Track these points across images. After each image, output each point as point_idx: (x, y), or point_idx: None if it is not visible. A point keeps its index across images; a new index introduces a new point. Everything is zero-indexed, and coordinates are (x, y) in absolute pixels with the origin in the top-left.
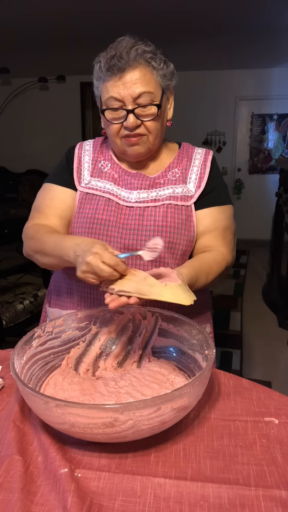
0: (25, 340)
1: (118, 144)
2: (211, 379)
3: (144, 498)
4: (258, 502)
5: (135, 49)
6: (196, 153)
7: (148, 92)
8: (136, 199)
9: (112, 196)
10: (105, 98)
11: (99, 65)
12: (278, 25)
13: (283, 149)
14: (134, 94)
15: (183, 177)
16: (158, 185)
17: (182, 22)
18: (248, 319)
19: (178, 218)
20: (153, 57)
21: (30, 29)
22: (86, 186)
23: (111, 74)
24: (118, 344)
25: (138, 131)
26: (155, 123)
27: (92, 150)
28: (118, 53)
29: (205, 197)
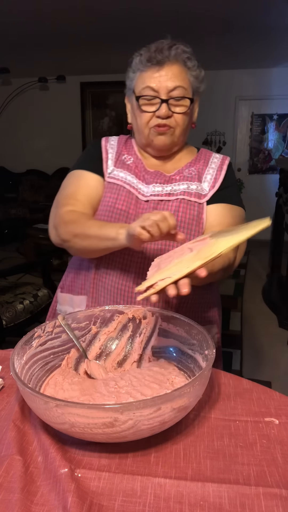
0: (25, 340)
1: (145, 134)
2: (211, 379)
3: (144, 498)
4: (259, 502)
5: (175, 48)
6: (213, 157)
7: (182, 87)
8: (151, 192)
9: (132, 188)
10: (140, 88)
11: (139, 58)
12: (278, 25)
13: (283, 149)
14: (170, 86)
15: (198, 176)
16: (174, 180)
17: (182, 22)
18: (248, 319)
19: (189, 213)
20: (190, 57)
21: (30, 29)
22: (109, 176)
23: (150, 66)
24: (118, 344)
25: (168, 121)
26: (183, 117)
27: (117, 145)
28: (160, 48)
29: (215, 194)
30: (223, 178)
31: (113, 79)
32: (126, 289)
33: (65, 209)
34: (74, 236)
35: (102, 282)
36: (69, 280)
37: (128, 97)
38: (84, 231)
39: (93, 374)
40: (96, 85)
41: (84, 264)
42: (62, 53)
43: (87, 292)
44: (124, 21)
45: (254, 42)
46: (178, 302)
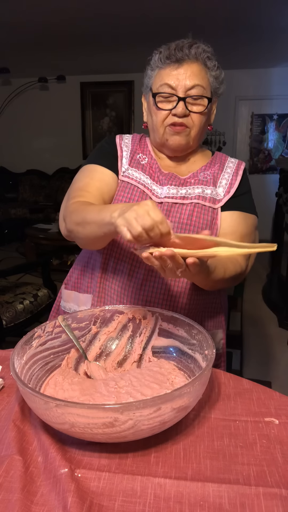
0: (25, 340)
1: (160, 133)
2: (211, 379)
3: (144, 498)
4: (259, 502)
5: (196, 46)
6: (229, 161)
7: (201, 85)
8: (166, 194)
9: (146, 189)
10: (158, 85)
11: (158, 55)
12: (278, 25)
13: (283, 149)
14: (188, 84)
15: (214, 180)
16: (189, 184)
17: (182, 22)
18: (248, 319)
19: (203, 218)
20: (210, 57)
21: (30, 29)
22: (124, 174)
23: (169, 63)
24: (118, 344)
25: (185, 120)
26: (201, 117)
27: (131, 143)
28: (180, 46)
29: (230, 201)
30: (239, 184)
31: (113, 79)
32: (133, 291)
33: (75, 200)
34: (76, 225)
35: (109, 282)
36: (74, 277)
37: (145, 95)
38: (84, 217)
39: (93, 375)
40: (96, 85)
41: (90, 262)
42: (62, 53)
43: (93, 291)
44: (124, 21)
45: (254, 42)
46: (187, 306)
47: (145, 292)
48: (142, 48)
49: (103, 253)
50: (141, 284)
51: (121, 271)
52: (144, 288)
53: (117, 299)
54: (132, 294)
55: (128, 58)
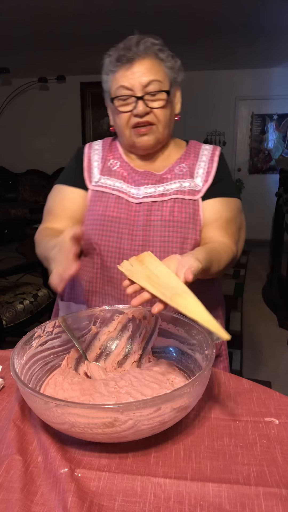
0: (25, 340)
1: (127, 136)
2: (211, 379)
3: (144, 498)
4: (259, 502)
5: (143, 42)
6: (203, 149)
7: (156, 80)
8: (144, 194)
9: (121, 193)
10: (114, 88)
11: (109, 59)
12: (278, 25)
13: (283, 149)
14: (143, 81)
15: (190, 172)
16: (165, 179)
17: (182, 22)
18: (248, 319)
19: (185, 212)
20: (161, 49)
21: (30, 29)
22: (96, 184)
23: (120, 65)
24: (118, 344)
25: (148, 118)
26: (164, 111)
27: (102, 149)
28: (127, 45)
29: (210, 189)
30: (216, 170)
31: None
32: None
33: (41, 226)
34: (41, 259)
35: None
36: (68, 288)
37: (106, 100)
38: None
39: (93, 376)
40: (96, 85)
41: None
42: (62, 53)
43: (86, 301)
44: (123, 21)
45: (254, 42)
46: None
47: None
48: None
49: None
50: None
51: (110, 277)
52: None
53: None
54: (124, 297)
55: None
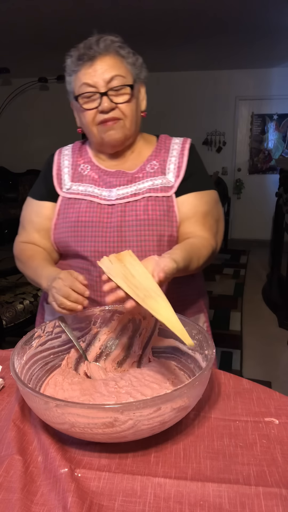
0: (25, 340)
1: (94, 133)
2: (211, 379)
3: (144, 498)
4: (259, 502)
5: (103, 40)
6: (173, 143)
7: (119, 75)
8: (116, 196)
9: (93, 197)
10: (77, 87)
11: (71, 59)
12: (278, 25)
13: (283, 149)
14: (106, 78)
15: (161, 168)
16: (137, 179)
17: (182, 22)
18: (248, 319)
19: (159, 210)
20: (121, 46)
21: (30, 29)
22: (68, 192)
23: (82, 63)
24: (118, 344)
25: (113, 114)
26: (129, 106)
27: (71, 154)
28: (87, 44)
29: (183, 184)
30: (186, 164)
31: None
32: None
33: (16, 239)
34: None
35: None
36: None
37: (71, 102)
38: (25, 272)
39: (93, 376)
40: None
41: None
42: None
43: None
44: (123, 21)
45: (254, 42)
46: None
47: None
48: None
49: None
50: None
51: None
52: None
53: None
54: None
55: None
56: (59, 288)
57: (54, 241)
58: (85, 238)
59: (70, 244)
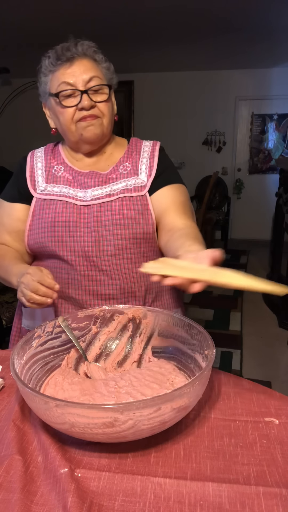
0: (25, 340)
1: (73, 131)
2: (211, 379)
3: (144, 498)
4: (259, 501)
5: (80, 44)
6: (144, 145)
7: (97, 76)
8: (92, 197)
9: (68, 198)
10: (56, 85)
11: (48, 60)
12: (278, 25)
13: (283, 149)
14: (85, 78)
15: (134, 169)
16: (111, 180)
17: (182, 22)
18: (248, 319)
19: (134, 209)
20: (96, 51)
21: (30, 29)
22: (42, 193)
23: (61, 63)
24: (118, 344)
25: (93, 112)
26: (107, 105)
27: (44, 156)
28: (66, 46)
29: (156, 180)
30: (157, 164)
31: None
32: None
33: None
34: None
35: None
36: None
37: (45, 103)
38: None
39: (93, 376)
40: None
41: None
42: None
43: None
44: (123, 20)
45: (254, 42)
46: (144, 291)
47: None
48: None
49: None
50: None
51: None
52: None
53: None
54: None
55: (128, 58)
56: (27, 283)
57: (28, 242)
58: (63, 238)
59: (47, 245)
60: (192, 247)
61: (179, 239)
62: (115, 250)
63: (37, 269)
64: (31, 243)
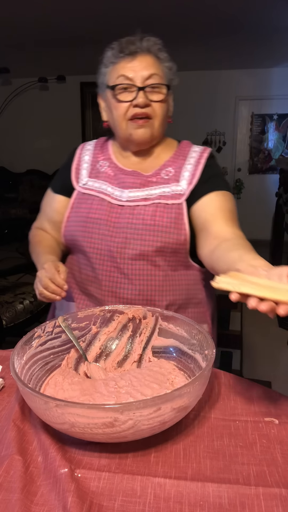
0: (25, 340)
1: (123, 128)
2: (211, 379)
3: (144, 498)
4: (259, 502)
5: (146, 39)
6: (192, 151)
7: (157, 74)
8: (127, 198)
9: (105, 195)
10: (114, 78)
11: (111, 51)
12: (278, 25)
13: (283, 149)
14: (145, 75)
15: (176, 175)
16: (151, 183)
17: (182, 22)
18: (248, 319)
19: (167, 217)
20: (161, 49)
21: (30, 29)
22: (83, 187)
23: (123, 56)
24: (118, 344)
25: (146, 110)
26: (162, 106)
27: (93, 150)
28: (131, 40)
29: (200, 188)
30: (201, 172)
31: None
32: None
33: (34, 224)
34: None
35: (86, 293)
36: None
37: (101, 94)
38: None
39: (93, 376)
40: (96, 85)
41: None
42: (62, 53)
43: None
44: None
45: (255, 42)
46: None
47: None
48: None
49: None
50: (116, 287)
51: (94, 277)
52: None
53: (98, 303)
54: (106, 298)
55: None
56: (40, 278)
57: (64, 233)
58: (92, 235)
59: (78, 239)
60: (255, 261)
61: (235, 250)
62: (139, 255)
63: (52, 265)
64: (66, 234)
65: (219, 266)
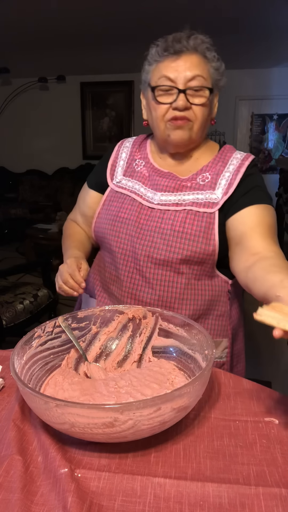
0: (25, 340)
1: (161, 129)
2: (211, 379)
3: (144, 498)
4: (258, 502)
5: (194, 37)
6: (233, 157)
7: (201, 76)
8: (159, 201)
9: (137, 196)
10: (156, 78)
11: (156, 49)
12: (278, 25)
13: (283, 149)
14: (188, 76)
15: (212, 182)
16: (185, 188)
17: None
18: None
19: (197, 225)
20: (209, 48)
21: (30, 29)
22: (117, 184)
23: (167, 55)
24: (118, 344)
25: (186, 114)
26: (203, 110)
27: (131, 147)
28: (177, 37)
29: (242, 197)
30: (239, 182)
31: (113, 79)
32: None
33: (69, 216)
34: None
35: (108, 292)
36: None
37: (143, 91)
38: (63, 247)
39: (93, 376)
40: (96, 85)
41: (95, 267)
42: (62, 53)
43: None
44: (124, 21)
45: (254, 42)
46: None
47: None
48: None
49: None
50: (136, 289)
51: (116, 276)
52: (139, 289)
53: (118, 303)
54: (125, 299)
55: (128, 58)
56: (61, 272)
57: (94, 229)
58: (120, 235)
59: (106, 237)
60: None
61: (274, 273)
62: (164, 261)
63: (74, 262)
64: (96, 230)
65: (255, 287)
